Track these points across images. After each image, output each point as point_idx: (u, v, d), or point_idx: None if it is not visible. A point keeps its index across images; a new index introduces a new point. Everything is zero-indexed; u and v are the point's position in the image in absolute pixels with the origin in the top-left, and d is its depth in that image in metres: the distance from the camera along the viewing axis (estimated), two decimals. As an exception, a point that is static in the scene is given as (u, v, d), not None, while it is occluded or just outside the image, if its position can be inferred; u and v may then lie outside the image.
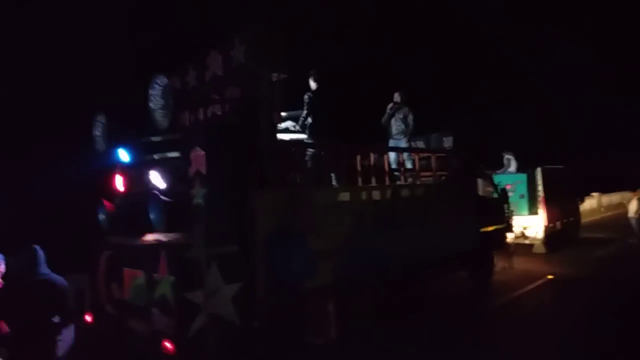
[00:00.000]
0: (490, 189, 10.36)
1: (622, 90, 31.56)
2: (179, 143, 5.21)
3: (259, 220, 5.31)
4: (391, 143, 8.67)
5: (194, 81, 6.56)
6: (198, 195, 4.97)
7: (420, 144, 10.16)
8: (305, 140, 6.81)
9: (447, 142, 9.87)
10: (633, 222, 13.45)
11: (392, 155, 8.23)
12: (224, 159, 4.95)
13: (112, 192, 6.34)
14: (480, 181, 11.00)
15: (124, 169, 6.17)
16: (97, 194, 6.42)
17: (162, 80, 5.00)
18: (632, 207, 13.50)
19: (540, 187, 12.04)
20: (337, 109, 7.30)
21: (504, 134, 17.89)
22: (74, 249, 6.64)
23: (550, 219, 12.18)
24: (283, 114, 7.23)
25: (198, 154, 4.97)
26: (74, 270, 6.60)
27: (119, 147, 5.88)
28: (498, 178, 11.80)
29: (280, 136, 6.95)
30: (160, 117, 4.99)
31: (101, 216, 6.35)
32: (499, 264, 10.32)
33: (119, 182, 6.22)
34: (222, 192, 4.96)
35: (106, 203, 6.27)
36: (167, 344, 4.76)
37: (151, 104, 5.09)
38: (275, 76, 5.71)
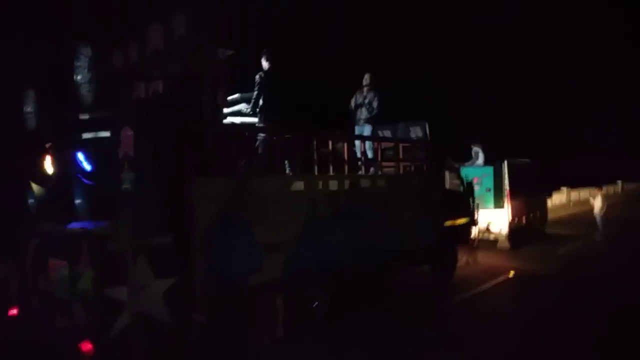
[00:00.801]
0: (458, 181, 10.09)
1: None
2: (108, 122, 4.70)
3: (198, 209, 4.88)
4: (356, 130, 8.26)
5: (135, 56, 6.04)
6: (127, 180, 4.50)
7: (388, 134, 9.81)
8: (257, 124, 6.35)
9: (414, 132, 9.55)
10: (598, 219, 13.46)
11: (356, 143, 7.86)
12: (156, 141, 4.48)
13: (42, 175, 5.79)
14: (447, 174, 10.76)
15: (55, 149, 5.62)
16: (27, 176, 5.87)
17: (87, 50, 4.47)
18: (597, 203, 13.49)
19: (506, 181, 11.85)
20: (296, 91, 6.83)
21: (474, 125, 17.35)
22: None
23: (516, 214, 12.02)
24: (237, 95, 6.77)
25: (127, 135, 4.48)
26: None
27: (51, 125, 5.33)
28: (465, 171, 11.55)
29: (231, 119, 6.51)
30: (85, 91, 4.48)
31: (30, 200, 5.80)
32: (463, 259, 10.11)
33: (49, 164, 5.67)
34: (153, 177, 4.50)
35: (35, 186, 5.73)
36: (86, 344, 4.31)
37: (77, 77, 4.56)
38: (221, 52, 5.24)
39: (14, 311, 5.76)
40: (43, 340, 5.23)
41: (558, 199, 21.04)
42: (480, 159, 12.35)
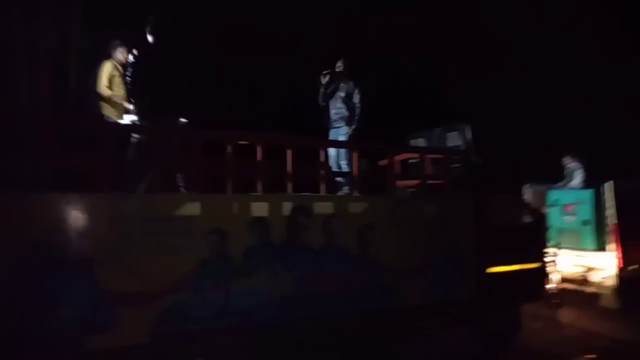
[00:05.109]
0: (521, 210, 7.16)
1: None
2: None
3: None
4: (331, 134, 6.20)
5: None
6: None
7: (421, 143, 7.58)
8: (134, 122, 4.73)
9: (452, 139, 7.15)
10: None
11: (331, 152, 5.87)
12: None
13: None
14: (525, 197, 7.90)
15: None
16: None
17: None
18: None
19: (611, 210, 8.19)
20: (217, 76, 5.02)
21: (565, 131, 11.67)
22: None
23: (631, 257, 8.20)
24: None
25: None
26: None
27: None
28: (554, 195, 8.44)
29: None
30: None
31: None
32: (537, 320, 7.16)
33: None
34: None
35: None
36: None
37: None
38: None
39: None
40: None
41: None
42: (577, 180, 8.82)
